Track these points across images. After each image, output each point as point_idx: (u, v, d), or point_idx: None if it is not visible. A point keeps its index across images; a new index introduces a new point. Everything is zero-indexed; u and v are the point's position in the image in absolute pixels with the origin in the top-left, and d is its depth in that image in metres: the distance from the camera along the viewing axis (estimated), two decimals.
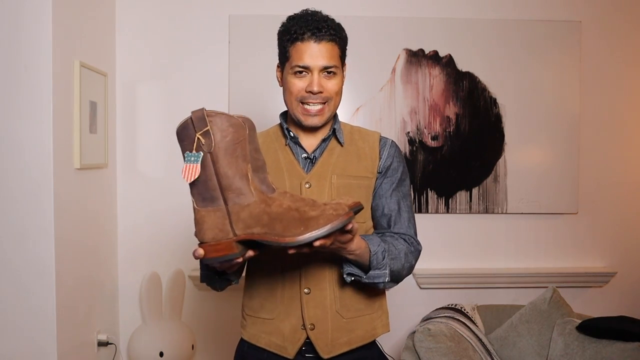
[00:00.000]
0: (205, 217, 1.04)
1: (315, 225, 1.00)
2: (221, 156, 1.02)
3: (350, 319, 1.32)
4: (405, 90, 2.58)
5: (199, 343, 2.59)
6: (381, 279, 1.25)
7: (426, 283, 2.63)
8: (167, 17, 2.53)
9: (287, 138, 1.36)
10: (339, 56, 1.30)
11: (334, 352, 1.30)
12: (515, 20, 2.59)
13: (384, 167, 1.36)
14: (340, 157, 1.34)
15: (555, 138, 2.63)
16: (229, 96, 2.53)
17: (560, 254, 2.69)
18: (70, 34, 2.05)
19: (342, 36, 1.32)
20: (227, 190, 1.03)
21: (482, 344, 2.33)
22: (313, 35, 1.25)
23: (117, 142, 2.53)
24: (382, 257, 1.24)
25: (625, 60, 2.68)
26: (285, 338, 1.31)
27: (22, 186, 1.89)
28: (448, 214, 2.62)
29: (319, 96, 1.28)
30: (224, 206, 1.04)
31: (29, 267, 1.90)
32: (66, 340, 2.00)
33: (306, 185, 1.31)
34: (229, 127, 1.03)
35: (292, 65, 1.28)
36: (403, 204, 1.36)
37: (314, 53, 1.25)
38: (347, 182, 1.32)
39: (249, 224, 1.03)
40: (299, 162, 1.34)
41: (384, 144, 1.38)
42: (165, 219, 2.56)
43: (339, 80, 1.31)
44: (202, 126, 1.03)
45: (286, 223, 1.01)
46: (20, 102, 1.88)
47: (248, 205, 1.03)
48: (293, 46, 1.28)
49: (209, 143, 1.02)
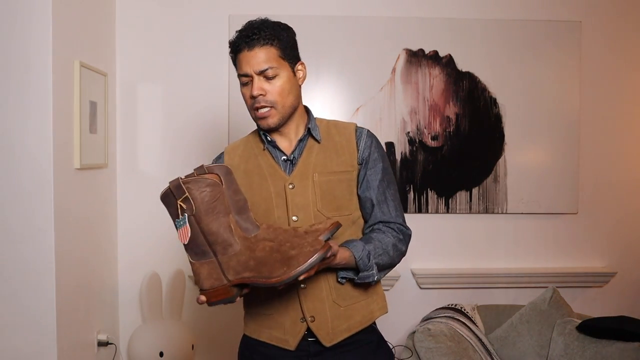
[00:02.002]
0: (200, 269, 1.19)
1: (296, 264, 1.12)
2: (203, 216, 1.15)
3: (347, 306, 1.38)
4: (405, 90, 2.58)
5: (199, 343, 2.59)
6: (370, 279, 1.33)
7: (426, 283, 2.63)
8: (167, 17, 2.53)
9: (265, 143, 1.41)
10: (277, 56, 1.33)
11: (335, 339, 1.36)
12: (515, 20, 2.59)
13: (363, 159, 1.40)
14: (320, 154, 1.39)
15: (555, 138, 2.63)
16: (229, 96, 2.53)
17: (560, 254, 2.69)
18: (70, 34, 2.05)
19: (280, 37, 1.34)
20: (214, 245, 1.16)
21: (482, 344, 2.33)
22: (245, 44, 1.33)
23: (117, 142, 2.54)
24: (368, 260, 1.31)
25: (625, 60, 2.68)
26: (286, 331, 1.37)
27: (22, 186, 1.89)
28: (448, 214, 2.62)
29: (262, 99, 1.32)
30: (214, 258, 1.18)
31: (29, 267, 1.90)
32: (66, 340, 2.00)
33: (290, 187, 1.36)
34: (205, 187, 1.15)
35: (238, 76, 1.36)
36: (388, 193, 1.41)
37: (249, 60, 1.32)
38: (328, 179, 1.37)
39: (238, 270, 1.16)
40: (279, 165, 1.39)
41: (359, 135, 1.42)
42: (165, 219, 2.52)
43: (283, 81, 1.33)
44: (181, 194, 1.16)
45: (270, 266, 1.13)
46: (20, 102, 1.88)
47: (235, 254, 1.16)
48: (236, 58, 1.36)
49: (190, 207, 1.15)
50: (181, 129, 2.56)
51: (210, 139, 2.56)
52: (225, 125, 2.55)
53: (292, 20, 2.50)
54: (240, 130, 2.53)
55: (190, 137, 2.56)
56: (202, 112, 2.55)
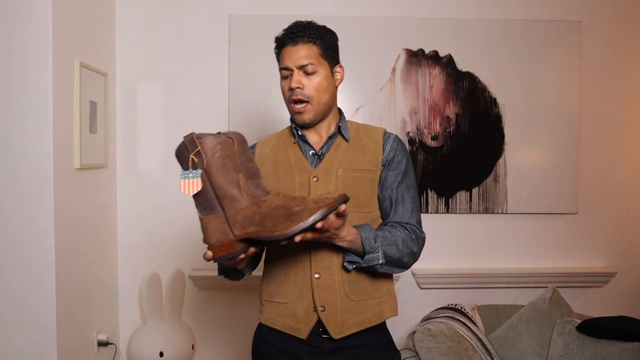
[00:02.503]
0: (208, 223, 1.21)
1: (299, 219, 1.15)
2: (214, 171, 1.19)
3: (359, 301, 1.42)
4: (405, 90, 2.58)
5: (199, 343, 2.59)
6: (376, 262, 1.36)
7: (426, 283, 2.63)
8: (167, 17, 2.53)
9: (295, 137, 1.48)
10: (318, 55, 1.41)
11: (344, 332, 1.40)
12: (515, 20, 2.59)
13: (387, 160, 1.46)
14: (346, 152, 1.45)
15: (555, 138, 2.63)
16: (229, 96, 2.53)
17: (560, 254, 2.69)
18: (70, 34, 2.05)
19: (323, 37, 1.42)
20: (222, 199, 1.20)
21: (482, 344, 2.33)
22: (290, 39, 1.40)
23: (117, 142, 2.54)
24: (374, 241, 1.35)
25: (625, 60, 2.68)
26: (299, 320, 1.42)
27: (22, 186, 1.89)
28: (448, 214, 2.62)
29: (299, 92, 1.39)
30: (222, 212, 1.21)
31: (29, 267, 1.90)
32: (66, 340, 2.00)
33: (314, 179, 1.42)
34: (216, 145, 1.19)
35: (280, 69, 1.44)
36: (407, 195, 1.46)
37: (291, 54, 1.40)
38: (351, 175, 1.42)
39: (244, 224, 1.19)
40: (307, 159, 1.46)
41: (387, 138, 1.48)
42: (165, 219, 2.56)
43: (321, 78, 1.41)
44: (193, 147, 1.19)
45: (274, 220, 1.17)
46: (20, 102, 1.88)
47: (242, 209, 1.19)
48: (280, 53, 1.44)
49: (201, 161, 1.19)
50: (181, 129, 2.52)
51: None
52: (225, 125, 2.55)
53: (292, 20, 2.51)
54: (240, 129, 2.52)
55: None
56: (202, 112, 2.55)
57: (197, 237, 2.69)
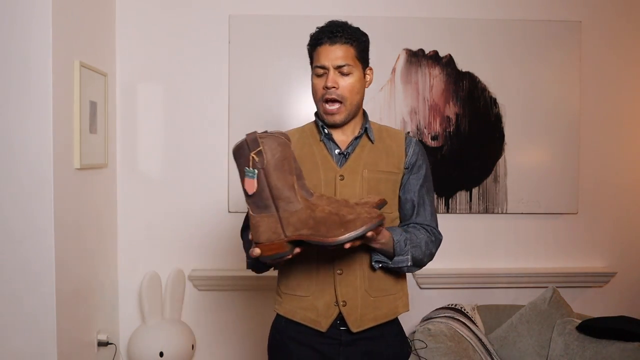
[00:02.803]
0: (260, 222, 1.23)
1: (352, 227, 1.20)
2: (272, 171, 1.21)
3: (377, 297, 1.47)
4: (405, 90, 2.58)
5: (199, 343, 2.59)
6: (404, 264, 1.43)
7: (426, 283, 2.63)
8: (167, 17, 2.53)
9: (322, 134, 1.50)
10: (354, 56, 1.43)
11: (362, 326, 1.46)
12: (515, 20, 2.59)
13: (410, 164, 1.52)
14: (371, 153, 1.49)
15: (555, 138, 2.63)
16: (229, 96, 2.53)
17: (560, 254, 2.69)
18: (70, 34, 2.05)
19: (360, 39, 1.45)
20: (278, 200, 1.22)
21: (482, 344, 2.33)
22: (328, 39, 1.42)
23: (117, 142, 2.54)
24: (405, 245, 1.41)
25: (625, 60, 2.68)
26: (320, 313, 1.46)
27: (22, 186, 1.89)
28: (448, 214, 2.61)
29: (334, 91, 1.42)
30: (275, 213, 1.23)
31: (29, 267, 1.90)
32: (66, 340, 2.00)
33: (339, 178, 1.46)
34: (277, 146, 1.22)
35: (313, 67, 1.46)
36: (427, 199, 1.53)
37: (328, 53, 1.42)
38: (376, 177, 1.47)
39: (298, 227, 1.23)
40: (332, 157, 1.49)
41: (409, 142, 1.53)
42: (165, 219, 2.56)
43: (355, 80, 1.43)
44: (255, 147, 1.21)
45: (329, 226, 1.21)
46: (20, 102, 1.88)
47: (296, 211, 1.23)
48: (315, 51, 1.46)
49: (261, 160, 1.21)
50: (181, 129, 2.56)
51: (210, 139, 2.56)
52: (225, 125, 2.55)
53: (292, 20, 2.52)
54: (240, 129, 2.53)
55: (190, 137, 2.56)
56: (202, 112, 2.55)
57: (197, 237, 2.70)
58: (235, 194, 2.53)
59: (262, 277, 2.53)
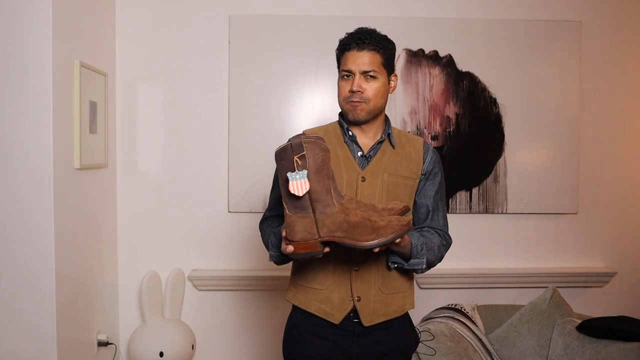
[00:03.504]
0: (296, 221, 1.29)
1: (384, 233, 1.29)
2: (313, 175, 1.27)
3: (388, 294, 1.56)
4: (405, 90, 2.58)
5: (199, 343, 2.59)
6: (419, 266, 1.51)
7: (426, 283, 2.63)
8: (167, 17, 2.53)
9: (346, 136, 1.56)
10: (380, 63, 1.49)
11: (373, 321, 1.54)
12: (515, 20, 2.59)
13: (427, 171, 1.60)
14: (392, 157, 1.56)
15: (556, 138, 2.63)
16: (229, 96, 2.53)
17: (560, 254, 2.69)
18: (70, 34, 2.05)
19: (387, 47, 1.51)
20: (315, 202, 1.29)
21: (482, 344, 2.33)
22: (357, 45, 1.48)
23: (117, 142, 2.54)
24: (421, 249, 1.49)
25: (625, 60, 2.68)
26: (334, 306, 1.53)
27: (22, 186, 1.89)
28: (448, 214, 2.58)
29: (358, 95, 1.49)
30: (312, 214, 1.29)
31: (29, 267, 1.90)
32: (66, 340, 2.00)
33: (361, 180, 1.52)
34: (319, 151, 1.28)
35: (340, 70, 1.53)
36: (440, 205, 1.62)
37: (355, 59, 1.48)
38: (395, 181, 1.54)
39: (332, 229, 1.29)
40: (355, 159, 1.55)
41: (427, 149, 1.61)
42: (165, 219, 2.56)
43: (379, 84, 1.50)
44: (300, 151, 1.27)
45: (362, 230, 1.29)
46: (20, 102, 1.88)
47: (332, 214, 1.29)
48: (342, 55, 1.52)
49: (304, 164, 1.27)
50: (181, 129, 2.56)
51: (210, 139, 2.56)
52: (225, 125, 2.55)
53: (293, 20, 2.52)
54: (240, 129, 2.53)
55: (190, 137, 2.56)
56: (202, 112, 2.55)
57: (197, 237, 2.70)
58: (235, 194, 2.53)
59: (262, 277, 2.54)
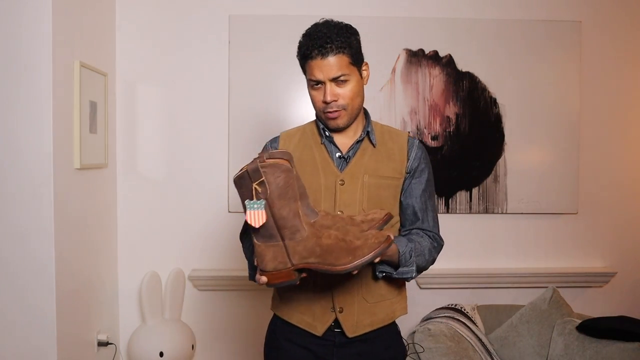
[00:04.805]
0: (265, 251, 1.20)
1: (360, 254, 1.17)
2: (276, 201, 1.17)
3: (374, 303, 1.46)
4: (405, 90, 2.58)
5: (199, 343, 2.59)
6: (409, 274, 1.41)
7: (426, 283, 2.63)
8: (167, 17, 2.53)
9: (323, 137, 1.48)
10: (348, 63, 1.38)
11: (357, 332, 1.45)
12: (515, 20, 2.59)
13: (412, 168, 1.48)
14: (372, 157, 1.46)
15: (555, 138, 2.63)
16: (229, 96, 2.53)
17: (560, 254, 2.69)
18: (70, 34, 2.05)
19: (351, 43, 1.38)
20: (283, 229, 1.19)
21: (482, 344, 2.33)
22: (319, 52, 1.35)
23: (117, 142, 2.54)
24: (410, 256, 1.39)
25: (625, 60, 2.68)
26: (316, 318, 1.45)
27: (22, 186, 1.89)
28: (448, 214, 2.61)
29: (334, 104, 1.39)
30: (281, 242, 1.20)
31: (28, 267, 1.90)
32: (66, 340, 2.00)
33: (340, 183, 1.43)
34: (280, 173, 1.16)
35: (308, 79, 1.42)
36: (429, 204, 1.51)
37: (322, 68, 1.36)
38: (377, 182, 1.44)
39: (304, 255, 1.20)
40: (333, 161, 1.46)
41: (411, 145, 1.50)
42: (165, 219, 2.56)
43: (353, 85, 1.39)
44: (257, 177, 1.15)
45: (336, 254, 1.18)
46: (20, 102, 1.88)
47: (302, 240, 1.19)
48: (306, 63, 1.40)
49: (264, 190, 1.16)
50: (181, 129, 2.56)
51: (210, 139, 2.56)
52: (225, 125, 2.55)
53: (293, 20, 2.52)
54: (240, 129, 2.53)
55: (190, 137, 2.56)
56: (202, 112, 2.55)
57: (197, 237, 2.70)
58: (235, 194, 2.53)
59: None
